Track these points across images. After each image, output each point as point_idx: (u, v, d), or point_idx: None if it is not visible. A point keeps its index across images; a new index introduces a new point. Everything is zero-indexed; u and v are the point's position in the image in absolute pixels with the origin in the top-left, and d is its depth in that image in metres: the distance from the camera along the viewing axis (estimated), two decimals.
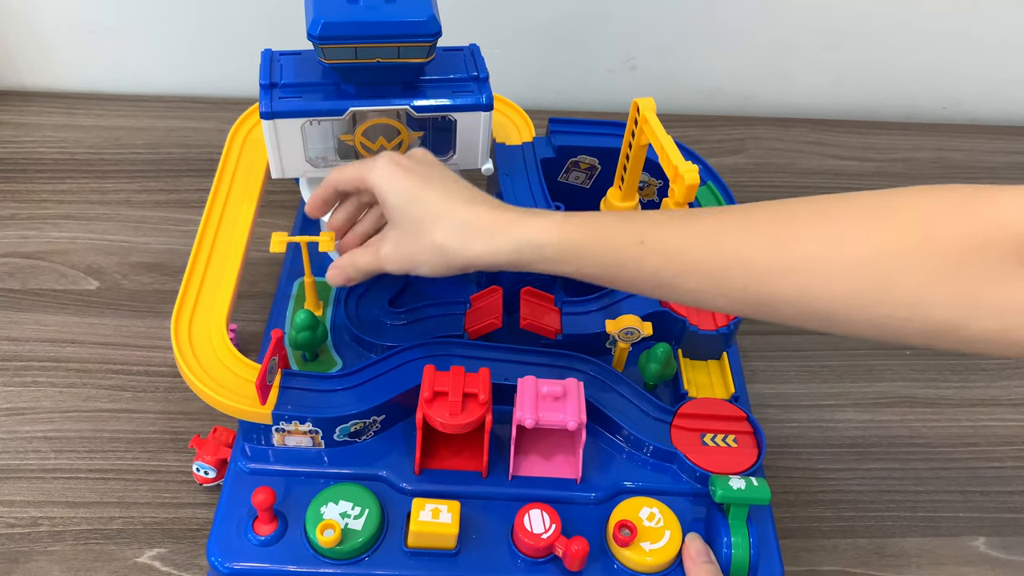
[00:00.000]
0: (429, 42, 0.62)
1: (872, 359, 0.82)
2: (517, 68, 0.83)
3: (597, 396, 0.64)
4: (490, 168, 0.69)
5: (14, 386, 0.74)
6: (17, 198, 0.90)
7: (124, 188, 0.92)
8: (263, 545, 0.58)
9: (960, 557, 0.69)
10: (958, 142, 1.06)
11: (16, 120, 0.99)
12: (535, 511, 0.58)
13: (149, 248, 0.86)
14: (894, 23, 1.03)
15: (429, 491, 0.61)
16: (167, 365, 0.76)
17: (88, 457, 0.70)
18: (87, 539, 0.65)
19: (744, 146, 1.03)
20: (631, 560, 0.58)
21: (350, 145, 0.67)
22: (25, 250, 0.85)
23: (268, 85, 0.65)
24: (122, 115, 1.00)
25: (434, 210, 0.57)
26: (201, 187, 0.91)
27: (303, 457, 0.62)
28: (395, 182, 0.58)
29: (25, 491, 0.68)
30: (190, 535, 0.66)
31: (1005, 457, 0.76)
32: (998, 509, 0.72)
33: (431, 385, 0.59)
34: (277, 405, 0.60)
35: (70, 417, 0.72)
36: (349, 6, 0.61)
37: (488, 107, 0.66)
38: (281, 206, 0.88)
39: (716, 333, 0.68)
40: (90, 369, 0.75)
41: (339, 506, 0.58)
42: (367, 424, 0.62)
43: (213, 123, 0.99)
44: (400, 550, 0.58)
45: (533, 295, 0.69)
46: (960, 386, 0.81)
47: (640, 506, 0.60)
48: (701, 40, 1.03)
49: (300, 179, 0.72)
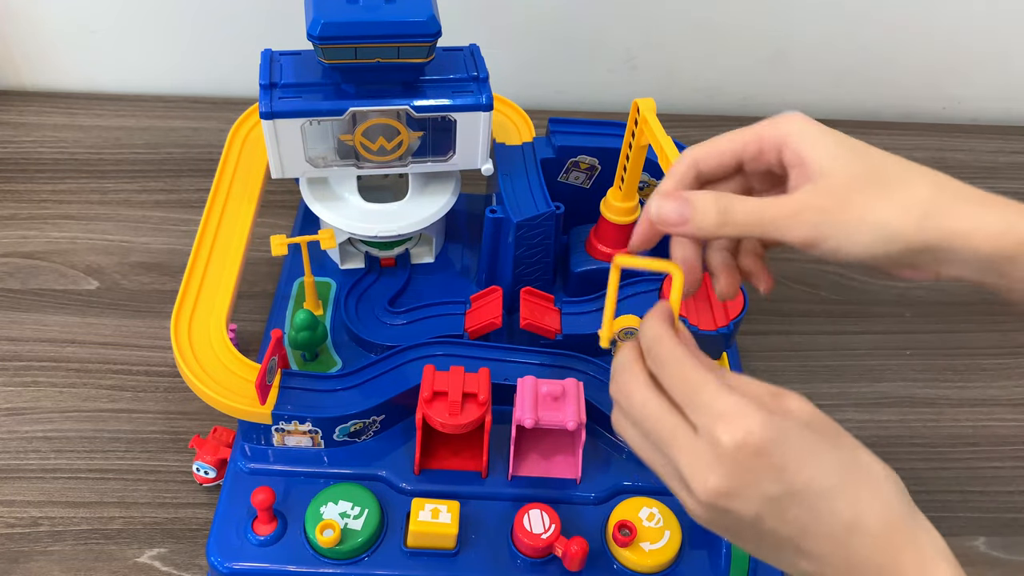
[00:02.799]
0: (429, 42, 0.62)
1: (872, 359, 0.82)
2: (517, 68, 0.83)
3: (597, 396, 0.64)
4: (490, 168, 0.69)
5: (14, 386, 0.74)
6: (17, 198, 0.90)
7: (124, 188, 0.92)
8: (263, 545, 0.58)
9: (960, 557, 0.68)
10: (958, 142, 1.06)
11: (16, 120, 0.99)
12: (535, 511, 0.58)
13: (149, 248, 0.86)
14: (894, 23, 1.03)
15: (429, 491, 0.61)
16: (167, 365, 0.76)
17: (88, 457, 0.70)
18: (87, 539, 0.65)
19: None
20: (631, 560, 0.58)
21: (350, 145, 0.67)
22: (25, 250, 0.85)
23: (268, 85, 0.65)
24: (122, 115, 1.00)
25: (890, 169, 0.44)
26: (201, 187, 0.91)
27: (303, 457, 0.62)
28: (823, 135, 0.45)
29: (25, 491, 0.68)
30: (190, 535, 0.66)
31: (1005, 457, 0.76)
32: (998, 509, 0.72)
33: (431, 385, 0.59)
34: (277, 405, 0.60)
35: (70, 417, 0.72)
36: (349, 6, 0.61)
37: (488, 107, 0.66)
38: (281, 206, 0.88)
39: (716, 333, 0.68)
40: (90, 369, 0.75)
41: (339, 506, 0.58)
42: (367, 424, 0.62)
43: (213, 123, 0.99)
44: (400, 550, 0.58)
45: (533, 295, 0.69)
46: (960, 386, 0.81)
47: (640, 506, 0.60)
48: (701, 40, 1.03)
49: (300, 179, 0.72)
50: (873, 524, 0.40)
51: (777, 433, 0.40)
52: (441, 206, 0.72)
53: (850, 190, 0.43)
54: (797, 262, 0.90)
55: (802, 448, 0.40)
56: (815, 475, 0.40)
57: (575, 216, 0.75)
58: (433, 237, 0.76)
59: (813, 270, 0.90)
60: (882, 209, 0.43)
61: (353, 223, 0.70)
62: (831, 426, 0.42)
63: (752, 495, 0.40)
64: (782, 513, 0.40)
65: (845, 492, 0.40)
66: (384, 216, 0.71)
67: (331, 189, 0.72)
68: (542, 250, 0.70)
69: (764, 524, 0.41)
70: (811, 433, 0.41)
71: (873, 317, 0.86)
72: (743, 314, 0.66)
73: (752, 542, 0.43)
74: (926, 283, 0.89)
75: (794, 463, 0.40)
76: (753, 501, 0.40)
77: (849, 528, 0.40)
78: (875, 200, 0.43)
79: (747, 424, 0.40)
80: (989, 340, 0.84)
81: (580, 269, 0.74)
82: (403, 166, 0.69)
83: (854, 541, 0.40)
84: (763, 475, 0.40)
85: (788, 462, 0.40)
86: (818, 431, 0.41)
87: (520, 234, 0.67)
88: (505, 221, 0.68)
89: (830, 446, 0.41)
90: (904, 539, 0.41)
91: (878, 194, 0.43)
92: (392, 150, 0.68)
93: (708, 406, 0.41)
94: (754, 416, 0.40)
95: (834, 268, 0.90)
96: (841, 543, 0.40)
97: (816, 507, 0.40)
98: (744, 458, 0.40)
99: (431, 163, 0.69)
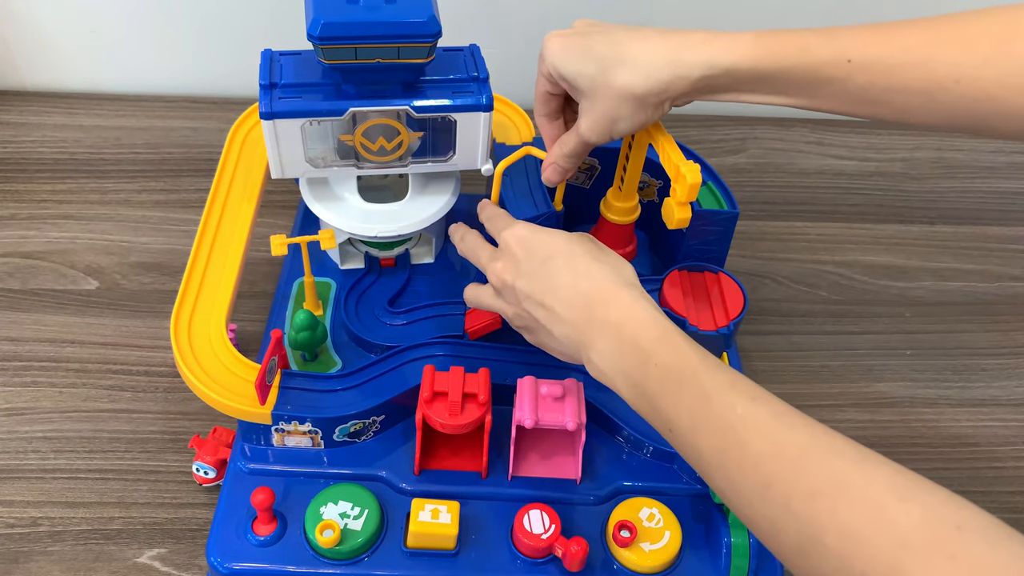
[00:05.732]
0: (429, 42, 0.62)
1: (872, 359, 0.82)
2: (517, 68, 0.83)
3: (597, 396, 0.64)
4: (490, 168, 0.69)
5: (14, 386, 0.74)
6: (17, 198, 0.90)
7: (124, 188, 0.92)
8: (262, 545, 0.58)
9: None
10: (958, 142, 1.06)
11: (16, 120, 0.99)
12: (535, 511, 0.58)
13: (149, 248, 0.86)
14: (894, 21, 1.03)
15: (429, 491, 0.61)
16: (167, 365, 0.76)
17: (88, 457, 0.70)
18: (87, 539, 0.65)
19: (744, 146, 1.03)
20: (631, 560, 0.58)
21: (350, 145, 0.67)
22: (25, 250, 0.85)
23: (268, 85, 0.65)
24: (122, 115, 1.00)
25: (608, 59, 0.56)
26: (201, 187, 0.91)
27: (303, 457, 0.62)
28: (564, 52, 0.59)
29: (25, 491, 0.68)
30: (190, 535, 0.66)
31: (1005, 457, 0.76)
32: (998, 509, 0.71)
33: (431, 385, 0.59)
34: (277, 405, 0.60)
35: (70, 417, 0.72)
36: (349, 6, 0.61)
37: (488, 107, 0.66)
38: (281, 206, 0.88)
39: (716, 333, 0.67)
40: (90, 369, 0.75)
41: (338, 506, 0.58)
42: (367, 424, 0.62)
43: (213, 123, 0.99)
44: (399, 550, 0.58)
45: None
46: (960, 386, 0.81)
47: (640, 506, 0.60)
48: None
49: (300, 179, 0.72)
50: (586, 290, 0.52)
51: (538, 233, 0.56)
52: (441, 206, 0.72)
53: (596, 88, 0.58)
54: (797, 262, 0.90)
55: (555, 241, 0.55)
56: (552, 254, 0.54)
57: (575, 216, 0.75)
58: (433, 237, 0.76)
59: (813, 270, 0.90)
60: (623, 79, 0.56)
61: (353, 223, 0.70)
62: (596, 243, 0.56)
63: (515, 270, 0.55)
64: (532, 282, 0.54)
65: (572, 266, 0.53)
66: (384, 216, 0.71)
67: (331, 189, 0.72)
68: None
69: (525, 291, 0.55)
70: (567, 238, 0.56)
71: (873, 317, 0.86)
72: (743, 314, 0.66)
73: (532, 323, 0.56)
74: (926, 283, 0.89)
75: (542, 248, 0.55)
76: (515, 275, 0.55)
77: (572, 291, 0.53)
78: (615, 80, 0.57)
79: (517, 228, 0.57)
80: (989, 340, 0.84)
81: None
82: (403, 166, 0.69)
83: (574, 302, 0.52)
84: (520, 254, 0.56)
85: (537, 246, 0.55)
86: (578, 241, 0.56)
87: None
88: None
89: (578, 245, 0.55)
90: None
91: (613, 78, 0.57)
92: (392, 150, 0.67)
93: (498, 228, 0.59)
94: (524, 225, 0.57)
95: (834, 268, 0.90)
96: (568, 302, 0.53)
97: (551, 277, 0.54)
98: (513, 244, 0.56)
99: (431, 163, 0.69)
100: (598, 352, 0.51)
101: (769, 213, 0.95)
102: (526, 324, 0.57)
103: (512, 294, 0.56)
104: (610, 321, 0.51)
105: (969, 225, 0.95)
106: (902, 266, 0.91)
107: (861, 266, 0.91)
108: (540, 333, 0.56)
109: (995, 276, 0.91)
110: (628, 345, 0.50)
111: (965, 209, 0.97)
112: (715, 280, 0.67)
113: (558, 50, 0.59)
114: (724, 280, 0.68)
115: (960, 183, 1.00)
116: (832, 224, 0.95)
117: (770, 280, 0.88)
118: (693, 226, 0.70)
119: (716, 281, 0.67)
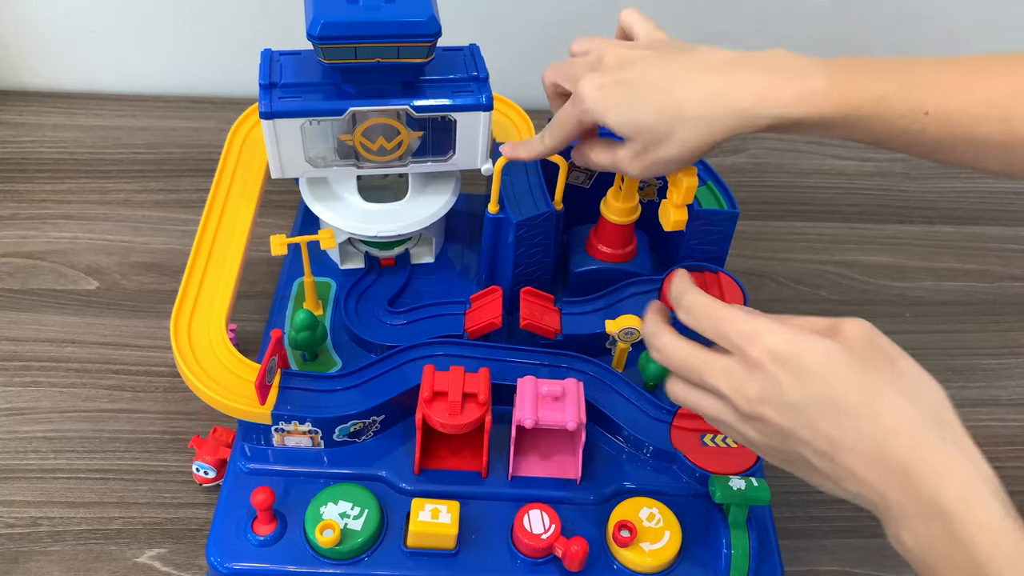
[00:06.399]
0: (429, 42, 0.62)
1: None
2: (517, 68, 0.83)
3: (597, 396, 0.64)
4: (490, 168, 0.69)
5: (14, 386, 0.74)
6: (17, 198, 0.90)
7: (124, 188, 0.92)
8: (262, 545, 0.58)
9: None
10: None
11: (16, 120, 0.99)
12: (535, 511, 0.58)
13: (149, 248, 0.86)
14: (894, 23, 1.03)
15: (429, 491, 0.61)
16: (167, 365, 0.76)
17: (88, 457, 0.70)
18: (87, 539, 0.65)
19: (744, 146, 1.03)
20: (631, 561, 0.58)
21: (350, 145, 0.67)
22: (25, 250, 0.85)
23: (268, 85, 0.65)
24: (122, 115, 1.00)
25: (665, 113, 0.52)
26: (201, 187, 0.91)
27: (302, 457, 0.62)
28: (609, 103, 0.54)
29: (25, 491, 0.68)
30: (190, 535, 0.66)
31: (1005, 457, 0.76)
32: None
33: (431, 385, 0.59)
34: (277, 405, 0.60)
35: (70, 417, 0.72)
36: (349, 6, 0.61)
37: (488, 107, 0.66)
38: (281, 206, 0.88)
39: None
40: (90, 369, 0.75)
41: (338, 506, 0.58)
42: (367, 424, 0.62)
43: (213, 123, 0.99)
44: (399, 550, 0.58)
45: (533, 295, 0.69)
46: (960, 386, 0.81)
47: (640, 506, 0.60)
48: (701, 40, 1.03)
49: (300, 179, 0.72)
50: (898, 450, 0.41)
51: (803, 348, 0.43)
52: (441, 206, 0.72)
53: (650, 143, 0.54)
54: (797, 262, 0.90)
55: (834, 364, 0.42)
56: (841, 391, 0.42)
57: (575, 216, 0.75)
58: (433, 237, 0.76)
59: (813, 270, 0.90)
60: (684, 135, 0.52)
61: (353, 223, 0.70)
62: (884, 351, 0.43)
63: (779, 402, 0.43)
64: (811, 424, 0.42)
65: (873, 411, 0.41)
66: (384, 216, 0.71)
67: (331, 189, 0.72)
68: (542, 250, 0.70)
69: (798, 434, 0.43)
70: (848, 353, 0.42)
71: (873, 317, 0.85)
72: None
73: (802, 464, 0.44)
74: (926, 283, 0.89)
75: (820, 376, 0.42)
76: (782, 409, 0.43)
77: (876, 450, 0.41)
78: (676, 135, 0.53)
79: (771, 339, 0.43)
80: (989, 340, 0.84)
81: (580, 269, 0.74)
82: (403, 166, 0.69)
83: (880, 466, 0.41)
84: (786, 382, 0.42)
85: (814, 374, 0.42)
86: (861, 354, 0.43)
87: (520, 234, 0.67)
88: (505, 221, 0.68)
89: (870, 368, 0.42)
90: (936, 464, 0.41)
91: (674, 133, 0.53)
92: (392, 150, 0.67)
93: (737, 331, 0.44)
94: (779, 332, 0.43)
95: (834, 268, 0.90)
96: (871, 463, 0.41)
97: (841, 422, 0.42)
98: (772, 367, 0.43)
99: (431, 163, 0.69)
100: (913, 536, 0.41)
101: (769, 213, 0.95)
102: (788, 460, 0.46)
103: (771, 429, 0.44)
104: (940, 507, 0.40)
105: (969, 225, 0.95)
106: (902, 266, 0.91)
107: (861, 266, 0.91)
108: (810, 475, 0.45)
109: (995, 276, 0.91)
110: (960, 549, 0.39)
111: (965, 209, 0.97)
112: (715, 280, 0.67)
113: (601, 100, 0.54)
114: (724, 280, 0.68)
115: (960, 183, 0.99)
116: (832, 224, 0.95)
117: (770, 280, 0.88)
118: (693, 226, 0.70)
119: (716, 281, 0.67)
